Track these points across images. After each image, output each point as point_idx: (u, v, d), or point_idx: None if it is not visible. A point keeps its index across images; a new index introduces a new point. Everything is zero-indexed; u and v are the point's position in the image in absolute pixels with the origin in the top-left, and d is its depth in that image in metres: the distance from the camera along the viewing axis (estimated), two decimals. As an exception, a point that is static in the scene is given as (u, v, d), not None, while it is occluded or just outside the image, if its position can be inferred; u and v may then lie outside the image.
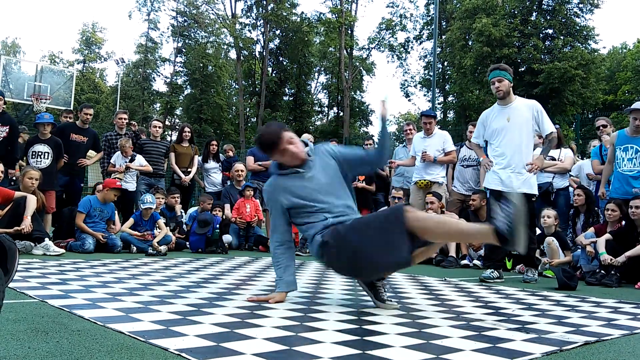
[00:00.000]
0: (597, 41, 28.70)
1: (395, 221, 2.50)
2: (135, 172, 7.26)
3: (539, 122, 4.54)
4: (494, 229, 2.45)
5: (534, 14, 28.53)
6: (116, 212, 6.37)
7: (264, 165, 8.12)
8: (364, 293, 3.19)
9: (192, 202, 8.41)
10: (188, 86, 40.01)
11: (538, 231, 5.17)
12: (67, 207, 6.55)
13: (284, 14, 35.48)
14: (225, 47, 40.52)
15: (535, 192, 4.65)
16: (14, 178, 6.31)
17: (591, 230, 5.31)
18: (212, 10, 38.77)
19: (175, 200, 7.21)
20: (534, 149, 4.82)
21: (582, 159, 7.69)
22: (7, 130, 6.38)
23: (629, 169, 5.20)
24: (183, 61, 40.04)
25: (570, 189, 6.56)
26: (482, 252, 6.08)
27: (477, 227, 2.64)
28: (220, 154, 8.73)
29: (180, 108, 41.17)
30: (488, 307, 2.92)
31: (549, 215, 5.40)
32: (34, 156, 6.31)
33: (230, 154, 9.33)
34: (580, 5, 27.73)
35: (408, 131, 7.83)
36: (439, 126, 7.34)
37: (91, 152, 7.36)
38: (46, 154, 6.35)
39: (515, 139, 4.54)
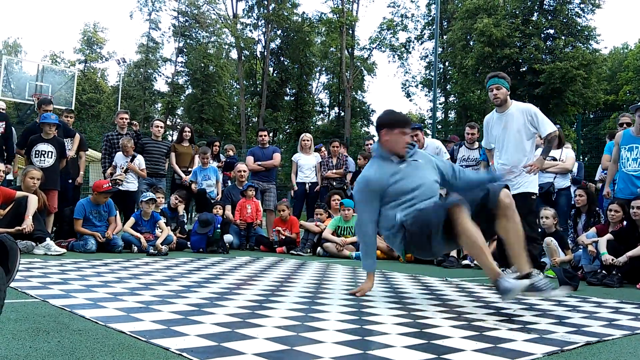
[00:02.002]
0: (599, 41, 28.67)
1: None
2: (136, 172, 7.27)
3: (535, 125, 4.55)
4: (496, 282, 2.72)
5: (536, 14, 28.48)
6: (117, 211, 6.38)
7: (264, 165, 8.14)
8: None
9: (193, 202, 8.39)
10: (189, 86, 40.02)
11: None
12: (62, 204, 6.56)
13: (285, 14, 35.48)
14: (227, 47, 40.58)
15: (535, 190, 4.64)
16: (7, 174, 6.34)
17: (593, 230, 5.30)
18: (214, 10, 38.84)
19: (180, 202, 7.22)
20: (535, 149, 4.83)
21: (584, 159, 7.66)
22: (3, 126, 6.41)
23: (633, 169, 5.17)
24: (184, 61, 40.08)
25: (572, 188, 6.55)
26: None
27: (490, 266, 2.75)
28: (221, 154, 8.73)
29: (182, 108, 41.20)
30: (489, 307, 2.92)
31: (547, 216, 5.40)
32: (37, 155, 6.33)
33: (231, 153, 9.33)
34: (582, 6, 27.67)
35: None
36: (439, 126, 7.31)
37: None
38: (50, 153, 6.38)
39: (512, 145, 4.61)
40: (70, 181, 7.08)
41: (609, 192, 5.60)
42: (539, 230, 5.27)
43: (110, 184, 6.25)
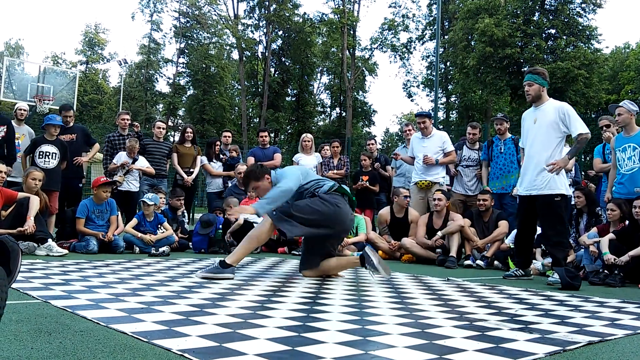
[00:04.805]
0: (600, 41, 28.69)
1: None
2: (138, 173, 7.26)
3: (566, 123, 4.50)
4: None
5: (537, 13, 28.46)
6: (118, 212, 6.37)
7: (266, 165, 8.11)
8: (367, 294, 3.20)
9: (194, 203, 8.38)
10: (191, 87, 40.08)
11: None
12: (68, 208, 6.58)
13: (287, 14, 35.50)
14: (228, 47, 40.62)
15: (561, 191, 4.49)
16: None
17: (594, 230, 5.29)
18: (215, 11, 38.85)
19: (180, 203, 7.21)
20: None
21: (585, 159, 7.65)
22: (5, 130, 6.42)
23: (630, 168, 5.20)
24: (186, 62, 40.13)
25: (571, 188, 6.53)
26: (485, 252, 6.07)
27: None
28: (221, 154, 8.71)
29: (183, 109, 41.25)
30: (491, 307, 2.92)
31: None
32: (41, 156, 6.34)
33: (235, 154, 9.31)
34: (583, 5, 27.66)
35: (407, 131, 7.86)
36: (441, 126, 7.29)
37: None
38: (54, 155, 6.42)
39: (540, 141, 4.58)
40: (81, 185, 7.13)
41: (609, 198, 5.58)
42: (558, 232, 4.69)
43: (107, 177, 6.22)
